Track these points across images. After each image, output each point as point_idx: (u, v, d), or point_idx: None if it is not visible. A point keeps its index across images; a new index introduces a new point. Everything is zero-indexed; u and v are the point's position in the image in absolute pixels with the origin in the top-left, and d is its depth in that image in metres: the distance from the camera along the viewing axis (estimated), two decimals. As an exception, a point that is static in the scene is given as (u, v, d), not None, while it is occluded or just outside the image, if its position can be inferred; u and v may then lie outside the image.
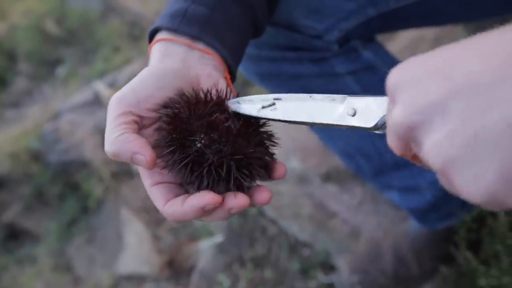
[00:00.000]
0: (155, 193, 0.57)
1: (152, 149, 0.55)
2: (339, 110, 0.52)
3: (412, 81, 0.38)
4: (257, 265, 1.58)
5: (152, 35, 0.66)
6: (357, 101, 0.51)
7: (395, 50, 1.57)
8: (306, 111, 0.55)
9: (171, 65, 0.62)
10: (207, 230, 1.75)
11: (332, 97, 0.53)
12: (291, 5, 0.82)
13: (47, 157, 2.33)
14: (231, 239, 1.66)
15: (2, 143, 2.50)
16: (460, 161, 0.34)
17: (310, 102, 0.55)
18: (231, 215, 0.56)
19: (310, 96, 0.55)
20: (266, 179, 0.60)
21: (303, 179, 1.56)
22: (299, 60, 0.92)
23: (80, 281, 2.03)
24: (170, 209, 0.55)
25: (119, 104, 0.58)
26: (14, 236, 2.44)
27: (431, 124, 0.36)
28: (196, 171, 0.55)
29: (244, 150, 0.55)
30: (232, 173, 0.54)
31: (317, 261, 1.50)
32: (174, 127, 0.55)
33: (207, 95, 0.58)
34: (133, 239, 1.91)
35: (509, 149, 0.32)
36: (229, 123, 0.56)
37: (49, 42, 3.02)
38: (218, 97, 0.59)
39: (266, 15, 0.73)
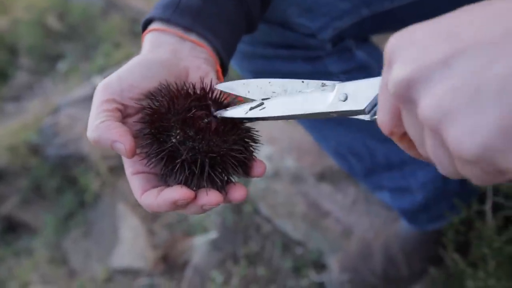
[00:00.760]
0: (134, 182, 0.57)
1: (133, 138, 0.56)
2: (330, 98, 0.51)
3: (414, 42, 0.37)
4: (250, 262, 1.59)
5: (146, 25, 0.67)
6: (348, 86, 0.50)
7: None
8: (296, 105, 0.54)
9: (161, 55, 0.62)
10: (201, 226, 1.76)
11: (323, 84, 0.53)
12: (285, 3, 0.82)
13: (46, 151, 2.34)
14: (225, 236, 1.67)
15: (1, 136, 2.51)
16: (459, 113, 0.33)
17: (299, 96, 0.54)
18: (204, 211, 0.56)
19: (302, 82, 0.55)
20: (243, 176, 0.60)
21: (297, 178, 1.57)
22: (292, 58, 0.93)
23: (75, 274, 2.04)
24: (145, 200, 0.55)
25: (104, 91, 0.58)
26: (12, 228, 2.46)
27: (432, 80, 0.35)
28: (171, 165, 0.56)
29: (219, 148, 0.55)
30: (205, 169, 0.55)
31: (310, 260, 1.51)
32: (152, 120, 0.56)
33: (189, 89, 0.58)
34: (128, 234, 1.92)
35: (509, 101, 0.32)
36: (207, 119, 0.56)
37: (50, 37, 3.03)
38: (201, 92, 0.59)
39: (259, 10, 0.74)
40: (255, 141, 0.60)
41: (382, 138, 0.72)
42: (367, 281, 1.30)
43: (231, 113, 0.57)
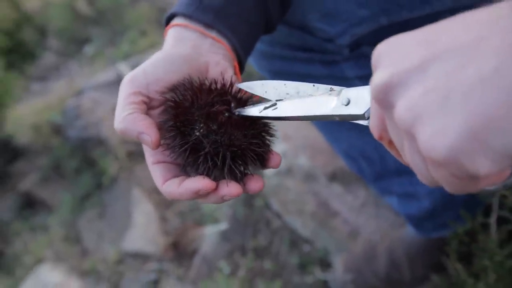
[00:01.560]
0: (156, 171, 0.60)
1: (158, 130, 0.59)
2: (334, 102, 0.54)
3: (396, 48, 0.39)
4: (258, 256, 1.61)
5: (169, 20, 0.69)
6: (351, 91, 0.53)
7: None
8: (304, 107, 0.57)
9: (183, 50, 0.64)
10: (213, 216, 1.78)
11: (331, 89, 0.56)
12: (305, 8, 0.84)
13: (67, 132, 2.39)
14: (235, 227, 1.69)
15: (26, 115, 2.57)
16: (429, 115, 0.34)
17: (309, 99, 0.57)
18: (224, 201, 0.59)
19: (313, 85, 0.58)
20: (260, 168, 0.63)
21: (309, 176, 1.59)
22: (310, 61, 0.95)
23: (88, 253, 2.09)
24: (167, 188, 0.58)
25: (130, 84, 0.61)
26: (30, 204, 2.52)
27: (408, 84, 0.36)
28: (194, 157, 0.58)
29: (239, 142, 0.58)
30: (226, 162, 0.58)
31: (316, 257, 1.53)
32: (176, 114, 0.59)
33: (212, 84, 0.61)
34: (141, 219, 1.96)
35: (478, 103, 0.32)
36: (228, 114, 0.60)
37: (79, 20, 3.08)
38: (222, 87, 0.62)
39: (279, 12, 0.76)
40: (272, 135, 0.63)
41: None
42: (369, 282, 1.31)
43: (247, 112, 0.61)
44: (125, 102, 0.60)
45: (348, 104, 0.53)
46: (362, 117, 0.51)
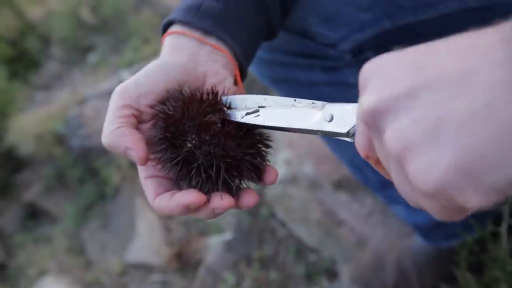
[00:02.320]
0: (148, 186, 0.58)
1: (146, 145, 0.56)
2: (317, 116, 0.53)
3: (385, 71, 0.38)
4: (263, 266, 1.59)
5: (166, 27, 0.67)
6: (335, 107, 0.51)
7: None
8: (286, 117, 0.55)
9: (179, 59, 0.62)
10: (217, 226, 1.76)
11: (313, 104, 0.54)
12: (306, 12, 0.82)
13: (70, 141, 2.38)
14: (240, 237, 1.67)
15: (29, 124, 2.56)
16: (419, 146, 0.34)
17: (291, 109, 0.55)
18: (216, 215, 0.57)
19: (295, 100, 0.56)
20: (256, 182, 0.60)
21: (315, 184, 1.56)
22: (310, 67, 0.92)
23: (91, 264, 2.07)
24: (159, 203, 0.56)
25: (120, 97, 0.59)
26: (33, 215, 2.52)
27: (397, 111, 0.36)
28: (186, 170, 0.56)
29: (234, 153, 0.56)
30: (221, 174, 0.55)
31: (323, 267, 1.50)
32: (167, 126, 0.56)
33: (203, 94, 0.59)
34: (145, 229, 1.94)
35: (470, 138, 0.32)
36: (220, 124, 0.57)
37: (82, 29, 3.08)
38: (215, 97, 0.59)
39: (280, 17, 0.74)
40: (268, 146, 0.61)
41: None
42: (377, 293, 1.29)
43: (232, 116, 0.59)
44: (113, 116, 0.57)
45: (331, 120, 0.51)
46: (345, 135, 0.50)
